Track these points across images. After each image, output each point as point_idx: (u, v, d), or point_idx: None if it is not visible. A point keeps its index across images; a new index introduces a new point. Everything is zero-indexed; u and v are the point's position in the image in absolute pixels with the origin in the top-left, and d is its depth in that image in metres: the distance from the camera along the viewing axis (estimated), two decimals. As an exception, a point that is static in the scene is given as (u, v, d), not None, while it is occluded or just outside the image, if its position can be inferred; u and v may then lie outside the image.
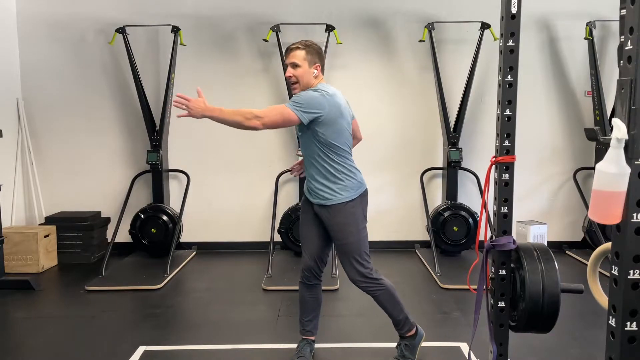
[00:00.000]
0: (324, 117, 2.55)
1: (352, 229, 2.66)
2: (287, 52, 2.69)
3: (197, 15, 5.04)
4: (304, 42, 2.69)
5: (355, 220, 2.67)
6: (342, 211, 2.64)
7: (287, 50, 2.70)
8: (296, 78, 2.65)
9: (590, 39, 4.87)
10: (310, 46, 2.68)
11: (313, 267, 2.81)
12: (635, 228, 1.21)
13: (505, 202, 1.98)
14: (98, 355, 3.04)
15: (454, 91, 5.03)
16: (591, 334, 3.21)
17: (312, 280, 2.84)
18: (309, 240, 2.81)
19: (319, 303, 2.91)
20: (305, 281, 2.85)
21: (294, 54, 2.66)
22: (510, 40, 1.90)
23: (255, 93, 5.14)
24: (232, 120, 2.53)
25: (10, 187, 4.87)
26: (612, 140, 1.20)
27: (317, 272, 2.83)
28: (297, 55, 2.65)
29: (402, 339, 2.85)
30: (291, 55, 2.66)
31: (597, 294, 1.76)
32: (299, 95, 2.59)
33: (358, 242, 2.68)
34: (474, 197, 5.11)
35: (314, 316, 2.91)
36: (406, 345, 2.83)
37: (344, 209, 2.64)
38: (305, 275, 2.83)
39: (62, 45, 5.07)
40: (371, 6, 5.06)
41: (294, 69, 2.65)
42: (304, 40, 2.72)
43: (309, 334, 2.91)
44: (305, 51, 2.65)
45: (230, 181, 5.22)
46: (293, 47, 2.67)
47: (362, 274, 2.70)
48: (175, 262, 4.72)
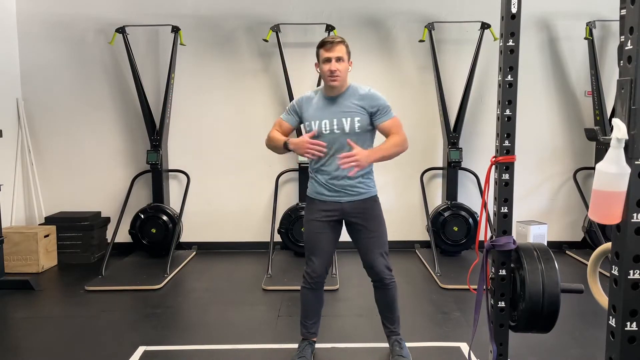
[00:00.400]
0: None
1: (383, 220, 2.80)
2: (327, 45, 2.62)
3: (197, 15, 5.04)
4: (341, 38, 2.66)
5: (382, 213, 2.81)
6: (377, 202, 2.79)
7: (326, 43, 2.62)
8: (339, 72, 2.62)
9: (590, 39, 4.88)
10: (347, 43, 2.69)
11: (323, 274, 2.80)
12: (635, 228, 1.21)
13: (505, 202, 1.98)
14: (98, 355, 3.04)
15: (454, 91, 5.03)
16: (591, 334, 3.21)
17: (320, 286, 2.83)
18: (324, 248, 2.77)
19: (322, 304, 2.91)
20: (313, 287, 2.81)
21: (338, 47, 2.62)
22: (510, 40, 1.90)
23: (255, 93, 5.14)
24: (394, 153, 2.67)
25: (10, 187, 4.87)
26: (612, 140, 1.20)
27: (325, 277, 2.84)
28: (341, 50, 2.63)
29: (396, 335, 2.89)
30: (336, 49, 2.61)
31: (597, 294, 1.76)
32: (383, 99, 2.70)
33: (385, 232, 2.80)
34: (474, 197, 5.11)
35: (317, 318, 2.91)
36: (401, 339, 2.88)
37: (377, 200, 2.79)
38: (314, 282, 2.79)
39: (62, 45, 5.07)
40: (371, 6, 5.06)
41: (339, 63, 2.62)
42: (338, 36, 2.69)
43: (312, 336, 2.92)
44: (346, 46, 2.66)
45: (230, 181, 5.22)
46: (336, 40, 2.63)
47: (388, 265, 2.78)
48: (175, 262, 4.72)
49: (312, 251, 2.78)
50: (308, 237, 2.80)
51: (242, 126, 5.17)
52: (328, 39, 2.65)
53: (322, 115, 2.69)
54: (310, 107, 2.73)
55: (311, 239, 2.79)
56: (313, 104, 2.74)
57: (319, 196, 2.76)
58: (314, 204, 2.78)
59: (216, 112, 5.15)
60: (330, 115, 2.67)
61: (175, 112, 5.05)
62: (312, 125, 2.70)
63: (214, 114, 5.16)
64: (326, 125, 2.66)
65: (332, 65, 2.61)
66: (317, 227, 2.76)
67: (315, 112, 2.71)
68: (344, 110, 2.67)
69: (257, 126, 5.16)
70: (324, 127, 2.67)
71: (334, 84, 2.65)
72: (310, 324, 2.89)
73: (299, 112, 2.77)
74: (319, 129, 2.67)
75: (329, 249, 2.78)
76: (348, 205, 2.72)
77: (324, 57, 2.63)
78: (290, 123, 2.80)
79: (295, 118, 2.79)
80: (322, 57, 2.65)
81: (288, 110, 2.82)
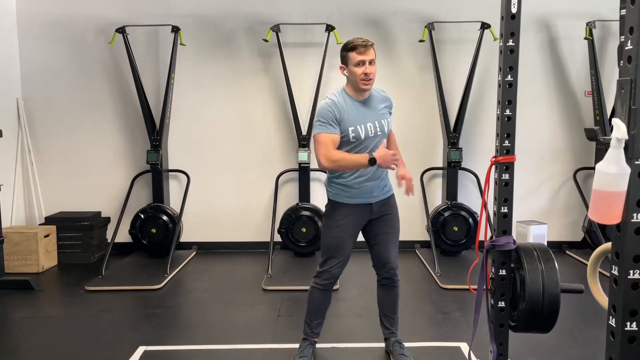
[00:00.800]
0: None
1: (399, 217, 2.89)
2: (360, 48, 2.56)
3: (197, 15, 5.04)
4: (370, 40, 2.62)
5: None
6: (395, 199, 2.88)
7: (358, 46, 2.56)
8: (373, 75, 2.62)
9: (590, 39, 4.87)
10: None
11: (339, 275, 2.81)
12: (635, 228, 1.21)
13: (505, 202, 1.98)
14: (98, 355, 3.04)
15: (454, 91, 5.03)
16: (591, 334, 3.22)
17: (332, 287, 2.83)
18: (347, 253, 2.77)
19: (329, 305, 2.92)
20: (327, 288, 2.80)
21: (370, 51, 2.59)
22: (510, 40, 1.90)
23: (255, 93, 5.14)
24: None
25: (10, 187, 4.86)
26: (612, 140, 1.20)
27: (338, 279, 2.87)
28: (373, 52, 2.61)
29: (395, 336, 2.91)
30: (370, 52, 2.58)
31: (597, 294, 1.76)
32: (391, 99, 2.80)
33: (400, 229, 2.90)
34: (474, 197, 5.11)
35: (322, 319, 2.92)
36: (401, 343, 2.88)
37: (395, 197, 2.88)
38: (328, 284, 2.78)
39: (62, 45, 5.07)
40: (371, 6, 5.06)
41: (372, 66, 2.59)
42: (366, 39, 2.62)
43: (315, 336, 2.92)
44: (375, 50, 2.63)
45: (230, 181, 5.22)
46: (369, 43, 2.58)
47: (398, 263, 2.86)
48: (175, 262, 4.72)
49: (334, 254, 2.74)
50: (332, 240, 2.74)
51: (242, 126, 5.17)
52: (360, 42, 2.58)
53: (364, 119, 2.66)
54: (348, 112, 2.63)
55: (336, 242, 2.74)
56: (350, 109, 2.64)
57: (349, 200, 2.71)
58: (344, 207, 2.73)
59: (216, 112, 5.15)
60: (371, 118, 2.68)
61: (175, 112, 5.05)
62: (358, 130, 2.62)
63: (214, 114, 5.16)
64: (371, 129, 2.67)
65: (366, 68, 2.57)
66: (345, 231, 2.73)
67: (357, 116, 2.65)
68: (380, 112, 2.73)
69: (257, 126, 5.17)
70: (370, 131, 2.66)
71: (366, 87, 2.63)
72: (315, 324, 2.90)
73: (339, 119, 2.60)
74: (365, 133, 2.64)
75: (350, 252, 2.81)
76: (376, 205, 2.77)
77: (357, 60, 2.57)
78: (337, 133, 2.61)
79: (337, 128, 2.61)
80: (353, 60, 2.58)
81: (327, 122, 2.59)
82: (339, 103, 2.63)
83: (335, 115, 2.60)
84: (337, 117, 2.60)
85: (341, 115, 2.61)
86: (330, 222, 2.75)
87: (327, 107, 2.62)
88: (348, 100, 2.66)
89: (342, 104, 2.63)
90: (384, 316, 2.92)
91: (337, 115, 2.60)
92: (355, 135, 2.62)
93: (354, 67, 2.59)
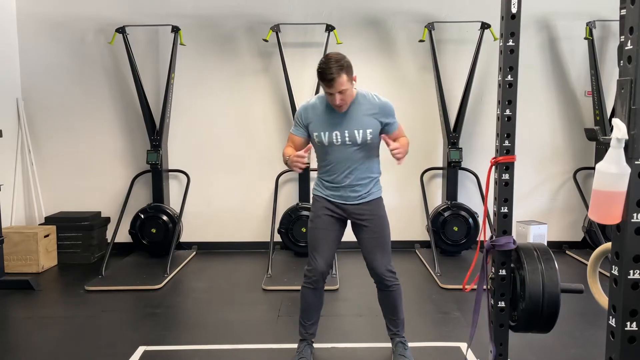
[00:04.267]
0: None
1: (387, 222, 2.81)
2: (326, 82, 2.48)
3: (197, 15, 5.04)
4: (338, 65, 2.47)
5: (386, 214, 2.82)
6: (381, 204, 2.80)
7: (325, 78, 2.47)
8: (343, 102, 2.56)
9: (590, 39, 4.87)
10: (345, 66, 2.50)
11: (325, 272, 2.78)
12: (635, 228, 1.21)
13: (505, 202, 1.98)
14: (98, 355, 3.04)
15: (454, 91, 5.03)
16: (591, 334, 3.22)
17: (321, 284, 2.82)
18: (326, 246, 2.76)
19: (322, 305, 2.91)
20: (315, 285, 2.79)
21: (338, 82, 2.47)
22: (510, 40, 1.90)
23: (255, 93, 5.14)
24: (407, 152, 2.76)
25: (10, 187, 4.87)
26: (612, 140, 1.20)
27: (326, 276, 2.83)
28: (342, 83, 2.49)
29: (401, 337, 2.88)
30: (336, 85, 2.48)
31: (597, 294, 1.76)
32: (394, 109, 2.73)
33: (389, 235, 2.81)
34: (474, 197, 5.11)
35: (317, 319, 2.90)
36: (405, 342, 2.87)
37: (381, 202, 2.81)
38: (315, 280, 2.78)
39: (62, 45, 5.07)
40: (371, 6, 5.06)
41: (342, 94, 2.53)
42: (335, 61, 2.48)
43: (311, 337, 2.91)
44: (346, 74, 2.50)
45: (230, 181, 5.22)
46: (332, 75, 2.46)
47: (390, 267, 2.79)
48: (175, 262, 4.72)
49: (314, 248, 2.76)
50: (312, 235, 2.79)
51: (242, 126, 5.17)
52: (327, 74, 2.47)
53: (332, 127, 2.63)
54: (316, 117, 2.67)
55: (315, 236, 2.77)
56: (320, 114, 2.67)
57: (326, 195, 2.76)
58: (320, 202, 2.78)
59: (216, 111, 5.15)
60: (341, 127, 2.62)
61: (175, 112, 5.05)
62: (321, 136, 2.64)
63: (214, 114, 5.16)
64: (337, 137, 2.63)
65: (336, 100, 2.54)
66: (322, 223, 2.76)
67: (324, 122, 2.65)
68: (356, 122, 2.63)
69: (256, 126, 5.17)
70: (334, 139, 2.63)
71: (341, 111, 2.62)
72: (309, 325, 2.89)
73: (304, 122, 2.70)
74: (329, 140, 2.64)
75: (331, 247, 2.78)
76: (352, 207, 2.74)
77: (326, 90, 2.55)
78: (300, 135, 2.73)
79: (304, 130, 2.72)
80: (323, 87, 2.56)
81: (296, 122, 2.76)
82: (312, 106, 2.71)
83: (302, 118, 2.72)
84: (304, 121, 2.71)
85: (307, 119, 2.70)
86: (311, 216, 2.83)
87: (299, 109, 2.77)
88: (324, 106, 2.68)
89: (316, 108, 2.69)
90: (386, 317, 2.91)
91: (304, 119, 2.71)
92: (319, 140, 2.68)
93: (326, 94, 2.62)
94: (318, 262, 2.75)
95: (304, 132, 2.73)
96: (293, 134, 2.76)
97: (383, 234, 2.77)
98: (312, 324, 2.90)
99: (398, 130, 2.79)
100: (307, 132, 2.72)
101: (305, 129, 2.72)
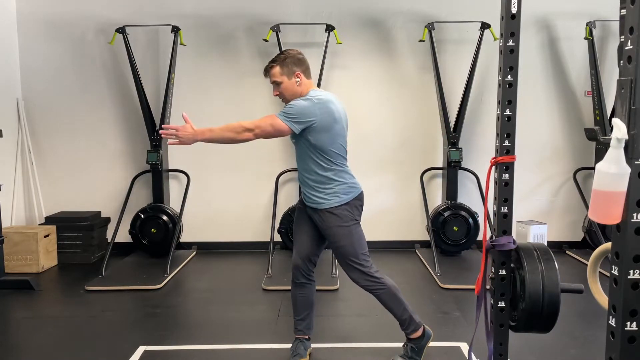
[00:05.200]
0: (317, 124, 2.56)
1: (344, 231, 2.66)
2: (265, 73, 2.70)
3: (197, 15, 5.04)
4: (277, 57, 2.68)
5: (346, 224, 2.66)
6: (332, 215, 2.65)
7: (265, 70, 2.69)
8: (279, 94, 2.70)
9: (590, 39, 4.87)
10: (285, 59, 2.65)
11: (301, 265, 2.82)
12: (635, 228, 1.21)
13: (505, 202, 1.98)
14: (98, 355, 3.04)
15: (454, 91, 5.03)
16: (591, 334, 3.21)
17: (300, 279, 2.84)
18: (299, 240, 2.83)
19: (310, 303, 2.89)
20: (295, 279, 2.86)
21: (271, 73, 2.67)
22: (510, 40, 1.90)
23: (255, 93, 5.14)
24: (224, 137, 2.60)
25: (10, 187, 4.87)
26: (612, 140, 1.20)
27: (305, 272, 2.83)
28: (274, 74, 2.66)
29: (409, 341, 2.82)
30: (270, 75, 2.68)
31: (597, 294, 1.76)
32: (290, 106, 2.58)
33: (352, 244, 2.68)
34: (474, 197, 5.10)
35: (305, 315, 2.90)
36: (412, 347, 2.80)
37: (333, 213, 2.65)
38: (294, 274, 2.85)
39: (62, 45, 5.07)
40: (371, 6, 5.06)
41: (277, 87, 2.68)
42: (279, 54, 2.70)
43: (300, 333, 2.92)
44: (280, 66, 2.65)
45: (230, 181, 5.22)
46: (268, 66, 2.68)
47: (362, 272, 2.71)
48: (175, 262, 4.72)
49: (294, 243, 2.87)
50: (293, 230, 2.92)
51: (242, 126, 5.16)
52: (267, 65, 2.69)
53: None
54: None
55: (294, 232, 2.89)
56: None
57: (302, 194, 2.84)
58: (300, 200, 2.88)
59: (216, 111, 5.15)
60: None
61: (175, 112, 5.04)
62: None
63: (214, 114, 5.15)
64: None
65: (274, 91, 2.72)
66: (297, 219, 2.86)
67: None
68: None
69: (257, 126, 5.16)
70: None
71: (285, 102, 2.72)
72: (297, 320, 2.90)
73: None
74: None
75: (306, 241, 2.79)
76: (310, 211, 2.77)
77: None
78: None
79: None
80: None
81: None
82: None
83: None
84: None
85: None
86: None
87: None
88: None
89: None
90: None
91: None
92: None
93: None
94: (294, 256, 2.84)
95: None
96: None
97: (339, 244, 2.68)
98: (301, 320, 2.89)
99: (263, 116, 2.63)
100: None
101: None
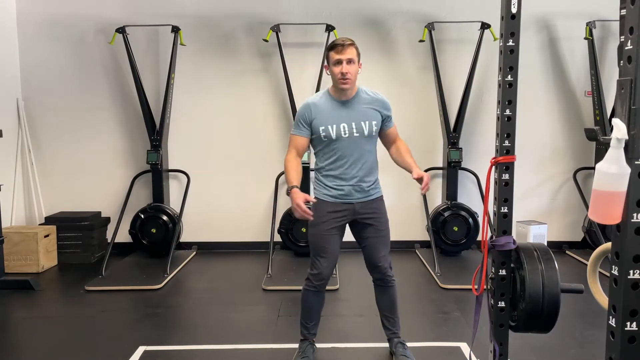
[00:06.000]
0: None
1: (388, 220, 2.85)
2: (338, 48, 2.59)
3: (197, 15, 5.04)
4: (351, 40, 2.63)
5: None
6: (384, 203, 2.84)
7: (337, 45, 2.59)
8: (350, 75, 2.60)
9: (590, 39, 4.87)
10: (357, 46, 2.66)
11: (328, 277, 2.79)
12: (635, 228, 1.21)
13: (505, 202, 1.98)
14: (98, 355, 3.04)
15: (454, 91, 5.03)
16: (591, 334, 3.21)
17: (324, 288, 2.82)
18: (333, 250, 2.74)
19: (323, 305, 2.91)
20: (319, 289, 2.79)
21: (349, 50, 2.59)
22: (510, 40, 1.90)
23: (255, 93, 5.14)
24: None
25: (10, 187, 4.86)
26: (612, 140, 1.20)
27: (329, 281, 2.83)
28: (352, 52, 2.60)
29: (399, 338, 2.89)
30: (347, 52, 2.59)
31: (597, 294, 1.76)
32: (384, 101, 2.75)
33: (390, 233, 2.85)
34: (474, 197, 5.10)
35: (318, 319, 2.91)
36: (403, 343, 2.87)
37: (383, 201, 2.84)
38: (320, 285, 2.77)
39: (62, 45, 5.07)
40: (371, 6, 5.06)
41: (350, 65, 2.59)
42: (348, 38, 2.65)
43: (313, 336, 2.92)
44: (356, 48, 2.63)
45: (230, 181, 5.22)
46: (347, 42, 2.60)
47: (391, 264, 2.85)
48: (175, 262, 4.72)
49: (320, 253, 2.73)
50: (317, 239, 2.73)
51: (242, 126, 5.17)
52: (339, 41, 2.61)
53: (339, 120, 2.66)
54: (321, 112, 2.68)
55: (320, 241, 2.72)
56: (324, 108, 2.68)
57: (330, 198, 2.73)
58: (325, 205, 2.73)
59: (216, 112, 5.15)
60: (348, 119, 2.66)
61: (175, 112, 5.05)
62: (328, 130, 2.65)
63: (214, 114, 5.16)
64: (345, 129, 2.65)
65: (343, 68, 2.59)
66: (327, 229, 2.72)
67: (332, 116, 2.66)
68: (361, 114, 2.68)
69: (257, 126, 5.16)
70: (342, 131, 2.66)
71: (344, 87, 2.63)
72: (311, 325, 2.89)
73: (308, 119, 2.69)
74: (337, 133, 2.65)
75: (336, 251, 2.77)
76: (359, 205, 2.73)
77: (335, 59, 2.60)
78: (303, 136, 2.73)
79: (307, 129, 2.72)
80: (332, 60, 2.62)
81: (298, 122, 2.73)
82: (314, 104, 2.71)
83: (306, 116, 2.70)
84: (308, 119, 2.70)
85: (312, 116, 2.68)
86: (314, 220, 2.71)
87: (301, 108, 2.75)
88: (328, 101, 2.71)
89: (318, 105, 2.70)
90: (384, 317, 2.92)
91: (308, 117, 2.70)
92: (326, 134, 2.67)
93: (333, 67, 2.64)
94: (324, 266, 2.74)
95: (307, 131, 2.71)
96: (296, 136, 2.74)
97: (387, 232, 2.83)
98: (314, 325, 2.91)
99: (394, 127, 2.83)
100: (310, 130, 2.71)
101: (309, 127, 2.70)
